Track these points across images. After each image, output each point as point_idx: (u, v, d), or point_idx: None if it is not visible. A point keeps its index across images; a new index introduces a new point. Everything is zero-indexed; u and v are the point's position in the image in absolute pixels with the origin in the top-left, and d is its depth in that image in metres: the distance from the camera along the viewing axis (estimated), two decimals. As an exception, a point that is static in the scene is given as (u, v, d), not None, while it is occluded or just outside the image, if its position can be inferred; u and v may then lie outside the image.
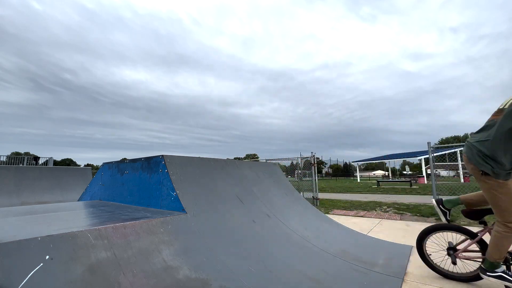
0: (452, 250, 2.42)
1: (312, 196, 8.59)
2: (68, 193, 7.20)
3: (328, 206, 8.08)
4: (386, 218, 6.05)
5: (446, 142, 62.23)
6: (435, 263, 2.60)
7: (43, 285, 1.27)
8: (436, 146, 7.76)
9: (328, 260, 2.76)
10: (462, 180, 23.43)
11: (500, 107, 2.01)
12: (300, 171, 10.23)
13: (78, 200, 4.01)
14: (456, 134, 70.19)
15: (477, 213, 2.34)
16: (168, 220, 2.10)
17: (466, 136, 67.06)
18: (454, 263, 2.36)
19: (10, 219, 2.07)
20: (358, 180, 33.15)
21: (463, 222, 5.30)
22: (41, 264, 1.32)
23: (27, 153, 43.91)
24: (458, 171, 27.89)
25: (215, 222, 2.49)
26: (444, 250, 2.54)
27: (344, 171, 58.50)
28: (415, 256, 3.32)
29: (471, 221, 5.45)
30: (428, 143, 7.00)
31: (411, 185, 17.79)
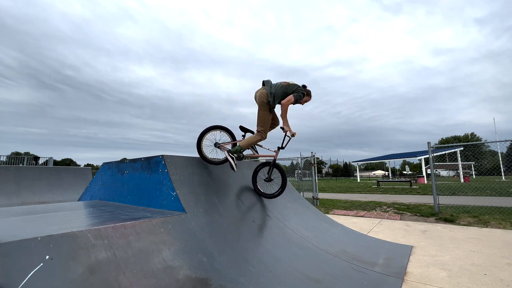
0: (217, 143, 3.29)
1: (312, 196, 8.59)
2: (68, 193, 7.19)
3: (328, 206, 8.08)
4: (386, 218, 6.05)
5: (446, 142, 62.19)
6: (205, 153, 3.25)
7: (43, 285, 1.27)
8: (436, 146, 7.76)
9: (328, 260, 2.76)
10: (462, 180, 23.44)
11: (288, 81, 3.18)
12: (300, 171, 10.23)
13: (78, 200, 4.01)
14: (457, 134, 69.94)
15: (244, 129, 3.37)
16: (168, 220, 2.10)
17: (466, 136, 66.96)
18: (217, 147, 3.27)
19: (10, 219, 2.07)
20: (358, 180, 33.16)
21: (463, 222, 5.31)
22: (41, 264, 1.32)
23: (27, 153, 43.92)
24: (458, 171, 27.90)
25: (215, 222, 2.49)
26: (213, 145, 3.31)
27: (344, 171, 58.45)
28: (415, 256, 3.32)
29: (471, 221, 5.44)
30: (428, 143, 7.00)
31: (411, 185, 17.80)
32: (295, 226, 3.21)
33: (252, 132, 3.28)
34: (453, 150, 28.57)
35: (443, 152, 27.44)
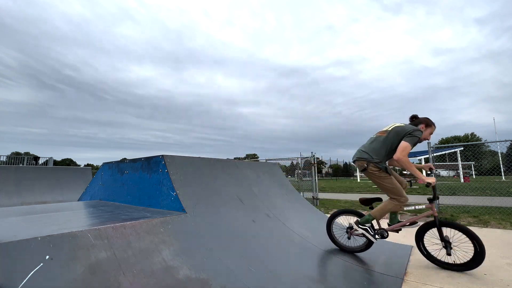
0: (349, 229, 3.05)
1: (312, 196, 8.59)
2: (68, 193, 7.19)
3: (328, 206, 8.07)
4: (386, 218, 6.04)
5: (446, 142, 62.17)
6: (337, 239, 3.14)
7: (43, 285, 1.27)
8: (436, 146, 7.75)
9: (328, 260, 2.76)
10: (462, 180, 23.44)
11: (384, 129, 2.86)
12: (300, 171, 10.24)
13: (78, 200, 4.01)
14: (457, 134, 69.87)
15: (367, 201, 3.19)
16: (168, 220, 2.10)
17: (466, 136, 66.96)
18: (348, 238, 3.06)
19: (10, 219, 2.07)
20: (358, 180, 33.14)
21: (463, 222, 5.30)
22: (41, 264, 1.32)
23: (27, 153, 43.93)
24: (458, 171, 27.89)
25: (215, 222, 2.49)
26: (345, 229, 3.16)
27: (344, 171, 58.47)
28: (415, 256, 3.32)
29: (471, 221, 5.43)
30: (428, 143, 6.99)
31: (411, 185, 17.78)
32: (295, 226, 3.21)
33: (380, 200, 2.91)
34: (453, 150, 28.59)
35: (443, 152, 27.44)
